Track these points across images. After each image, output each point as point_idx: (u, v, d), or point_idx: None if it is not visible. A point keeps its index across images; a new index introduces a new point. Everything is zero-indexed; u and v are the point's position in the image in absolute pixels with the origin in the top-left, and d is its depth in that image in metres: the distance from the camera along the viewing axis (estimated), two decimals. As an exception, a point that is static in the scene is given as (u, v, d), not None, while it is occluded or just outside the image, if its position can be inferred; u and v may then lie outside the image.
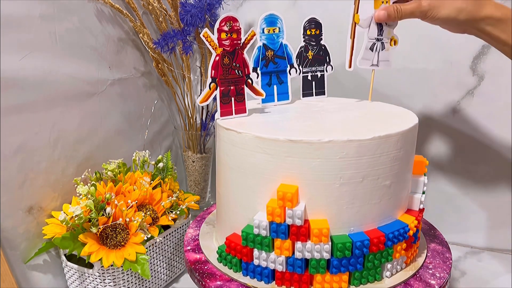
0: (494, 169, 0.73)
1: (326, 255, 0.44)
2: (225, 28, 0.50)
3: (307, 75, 0.64)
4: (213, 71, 0.51)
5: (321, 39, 0.63)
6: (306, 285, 0.46)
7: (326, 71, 0.65)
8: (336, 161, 0.44)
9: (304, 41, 0.63)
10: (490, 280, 0.69)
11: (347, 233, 0.46)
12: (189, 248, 0.56)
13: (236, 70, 0.52)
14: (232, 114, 0.53)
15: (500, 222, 0.75)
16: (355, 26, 0.56)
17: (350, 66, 0.58)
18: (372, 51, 0.58)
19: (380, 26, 0.57)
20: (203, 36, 0.49)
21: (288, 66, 0.61)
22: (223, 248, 0.51)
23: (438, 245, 0.58)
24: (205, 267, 0.51)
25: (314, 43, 0.63)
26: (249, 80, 0.53)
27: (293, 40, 0.62)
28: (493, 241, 0.77)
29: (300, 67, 0.63)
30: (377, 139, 0.44)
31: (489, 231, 0.77)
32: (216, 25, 0.49)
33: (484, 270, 0.72)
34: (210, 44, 0.49)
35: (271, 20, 0.58)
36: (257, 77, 0.61)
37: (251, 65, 0.54)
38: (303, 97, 0.65)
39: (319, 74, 0.65)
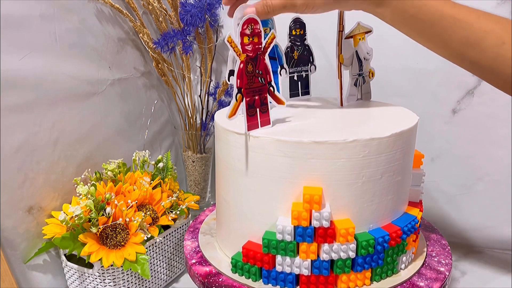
0: (494, 169, 0.73)
1: (352, 254, 0.45)
2: (247, 32, 0.45)
3: (293, 75, 0.64)
4: (238, 81, 0.45)
5: (305, 39, 0.63)
6: (332, 286, 0.46)
7: (310, 71, 0.65)
8: (359, 160, 0.44)
9: (290, 41, 0.63)
10: (490, 280, 0.69)
11: (367, 230, 0.47)
12: (194, 261, 0.54)
13: (259, 78, 0.47)
14: (258, 127, 0.48)
15: (500, 222, 0.75)
16: (340, 66, 0.58)
17: (342, 104, 0.60)
18: (356, 86, 0.61)
19: (360, 62, 0.60)
20: (227, 41, 0.43)
21: (279, 66, 0.61)
22: (238, 258, 0.49)
23: (432, 233, 0.61)
24: (220, 280, 0.50)
25: (299, 43, 0.63)
26: (271, 88, 0.49)
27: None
28: (493, 241, 0.77)
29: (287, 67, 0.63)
30: (394, 136, 0.45)
31: (489, 231, 0.77)
32: (238, 29, 0.44)
33: (484, 270, 0.72)
34: (234, 50, 0.44)
35: (263, 20, 0.58)
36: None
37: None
38: (290, 97, 0.65)
39: (304, 74, 0.65)
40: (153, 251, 0.64)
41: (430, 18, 0.44)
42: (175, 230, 0.68)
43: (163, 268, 0.67)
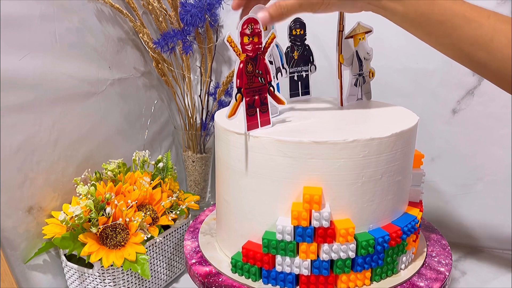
0: (494, 169, 0.73)
1: (352, 254, 0.45)
2: (247, 32, 0.45)
3: (294, 76, 0.64)
4: (238, 81, 0.45)
5: (305, 39, 0.63)
6: (332, 286, 0.46)
7: (310, 71, 0.65)
8: (359, 160, 0.44)
9: (290, 41, 0.63)
10: (490, 280, 0.69)
11: (367, 230, 0.47)
12: (194, 261, 0.54)
13: (259, 78, 0.47)
14: (258, 127, 0.48)
15: (500, 222, 0.75)
16: (340, 66, 0.58)
17: (342, 104, 0.60)
18: (356, 86, 0.61)
19: (360, 62, 0.60)
20: (227, 41, 0.43)
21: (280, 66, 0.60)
22: (238, 258, 0.49)
23: (432, 233, 0.61)
24: (220, 280, 0.50)
25: (299, 43, 0.63)
26: (271, 88, 0.49)
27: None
28: (493, 241, 0.77)
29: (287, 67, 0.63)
30: (394, 136, 0.45)
31: (489, 231, 0.77)
32: (238, 28, 0.44)
33: (484, 270, 0.72)
34: (234, 50, 0.44)
35: None
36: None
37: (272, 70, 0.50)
38: (290, 97, 0.65)
39: (304, 74, 0.65)
40: (153, 251, 0.64)
41: (441, 16, 0.43)
42: (175, 230, 0.68)
43: (163, 268, 0.67)
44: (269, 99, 0.49)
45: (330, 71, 0.64)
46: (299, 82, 0.65)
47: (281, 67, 0.60)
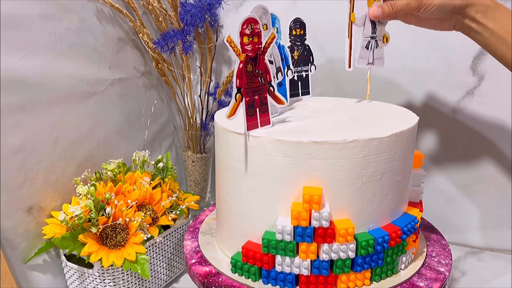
0: (494, 169, 0.73)
1: (352, 254, 0.45)
2: (247, 31, 0.45)
3: (293, 76, 0.64)
4: (238, 81, 0.45)
5: (305, 39, 0.63)
6: (331, 286, 0.46)
7: (310, 71, 0.65)
8: (359, 160, 0.44)
9: (290, 41, 0.63)
10: (490, 280, 0.69)
11: (367, 230, 0.47)
12: (194, 261, 0.54)
13: (259, 78, 0.47)
14: (258, 127, 0.48)
15: (500, 222, 0.75)
16: (351, 25, 0.55)
17: (350, 66, 0.57)
18: (368, 49, 0.58)
19: (373, 24, 0.57)
20: (227, 41, 0.43)
21: (286, 68, 0.61)
22: (238, 258, 0.49)
23: (432, 233, 0.61)
24: (219, 280, 0.50)
25: (299, 43, 0.63)
26: (271, 88, 0.49)
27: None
28: (493, 241, 0.77)
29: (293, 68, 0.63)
30: (394, 136, 0.45)
31: (489, 231, 0.77)
32: (238, 28, 0.44)
33: (484, 270, 0.72)
34: (233, 50, 0.44)
35: (271, 20, 0.58)
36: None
37: (272, 70, 0.50)
38: (290, 97, 0.65)
39: (304, 74, 0.65)
40: (153, 251, 0.64)
41: None
42: (175, 230, 0.68)
43: (163, 268, 0.67)
44: (269, 99, 0.49)
45: (330, 71, 0.64)
46: (299, 82, 0.65)
47: (287, 68, 0.60)
